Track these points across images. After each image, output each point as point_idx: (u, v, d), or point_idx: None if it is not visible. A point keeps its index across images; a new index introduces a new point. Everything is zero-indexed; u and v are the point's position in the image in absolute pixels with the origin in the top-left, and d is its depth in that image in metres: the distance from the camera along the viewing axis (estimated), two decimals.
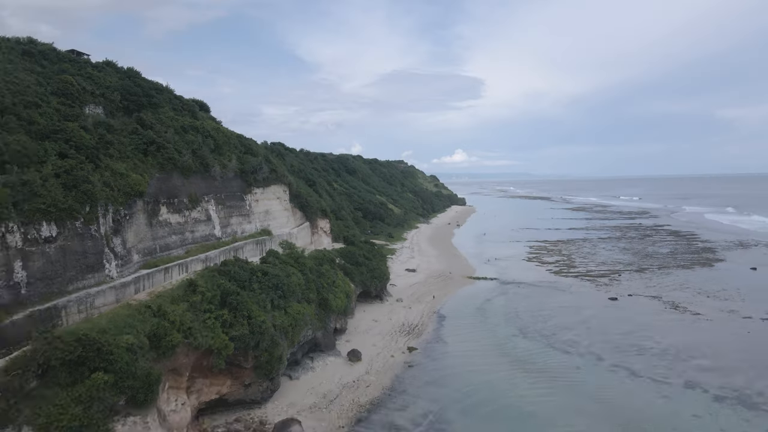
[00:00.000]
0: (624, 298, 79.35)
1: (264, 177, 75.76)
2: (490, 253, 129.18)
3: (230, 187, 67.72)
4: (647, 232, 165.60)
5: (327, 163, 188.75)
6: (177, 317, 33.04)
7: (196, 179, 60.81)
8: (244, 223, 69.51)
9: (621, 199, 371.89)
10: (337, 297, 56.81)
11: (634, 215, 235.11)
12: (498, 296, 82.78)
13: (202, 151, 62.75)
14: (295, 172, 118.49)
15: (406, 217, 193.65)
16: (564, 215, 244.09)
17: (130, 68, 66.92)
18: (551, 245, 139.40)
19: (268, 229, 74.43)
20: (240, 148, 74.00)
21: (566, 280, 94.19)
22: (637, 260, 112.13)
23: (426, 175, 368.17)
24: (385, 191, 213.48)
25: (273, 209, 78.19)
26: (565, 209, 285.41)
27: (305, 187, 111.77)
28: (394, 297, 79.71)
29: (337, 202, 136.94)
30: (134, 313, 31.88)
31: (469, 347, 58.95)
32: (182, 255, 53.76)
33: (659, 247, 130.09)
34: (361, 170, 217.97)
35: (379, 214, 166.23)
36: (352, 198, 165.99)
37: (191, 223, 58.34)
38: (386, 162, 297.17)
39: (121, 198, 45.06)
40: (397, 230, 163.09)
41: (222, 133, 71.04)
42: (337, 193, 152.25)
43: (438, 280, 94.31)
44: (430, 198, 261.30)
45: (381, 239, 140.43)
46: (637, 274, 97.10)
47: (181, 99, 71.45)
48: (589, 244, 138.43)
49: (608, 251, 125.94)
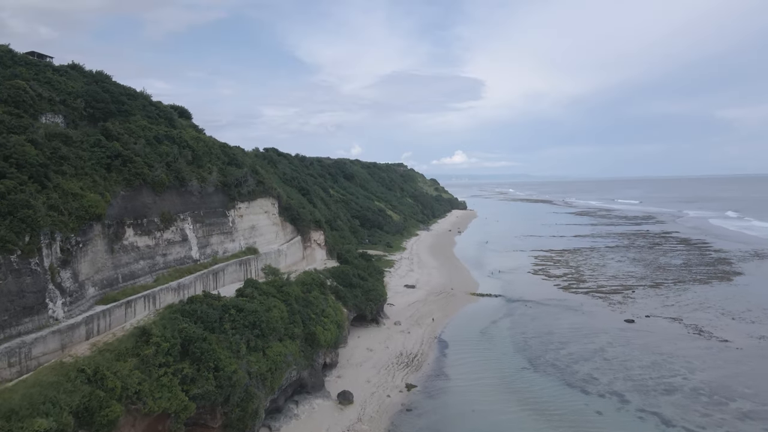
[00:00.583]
0: (641, 320, 73.07)
1: (250, 190, 69.52)
2: (494, 264, 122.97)
3: (210, 203, 61.49)
4: (656, 240, 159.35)
5: (324, 169, 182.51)
6: (119, 382, 26.76)
7: (170, 195, 54.58)
8: (226, 241, 63.29)
9: (623, 203, 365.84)
10: (327, 329, 50.53)
11: (639, 221, 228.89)
12: (504, 317, 76.52)
13: (178, 164, 56.52)
14: (288, 180, 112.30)
15: (405, 223, 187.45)
16: (567, 220, 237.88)
17: (99, 72, 60.78)
18: (557, 255, 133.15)
19: (253, 246, 68.20)
20: (223, 158, 67.77)
21: (576, 297, 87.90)
22: (649, 273, 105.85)
23: (426, 179, 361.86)
24: (384, 197, 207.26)
25: (260, 224, 71.97)
26: (568, 213, 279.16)
27: (298, 196, 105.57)
28: (391, 319, 73.42)
29: (332, 211, 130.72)
30: (62, 380, 25.60)
31: (473, 383, 52.69)
32: (150, 284, 47.51)
33: (671, 258, 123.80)
34: (359, 175, 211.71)
35: (377, 221, 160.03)
36: (350, 205, 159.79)
37: (163, 246, 52.11)
38: (385, 166, 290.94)
39: (72, 223, 38.80)
40: (396, 238, 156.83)
41: (202, 142, 64.82)
42: (333, 201, 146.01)
43: (439, 298, 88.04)
44: (430, 203, 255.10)
45: (379, 249, 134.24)
46: (652, 291, 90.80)
47: (157, 105, 65.24)
48: (597, 255, 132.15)
49: (618, 262, 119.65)
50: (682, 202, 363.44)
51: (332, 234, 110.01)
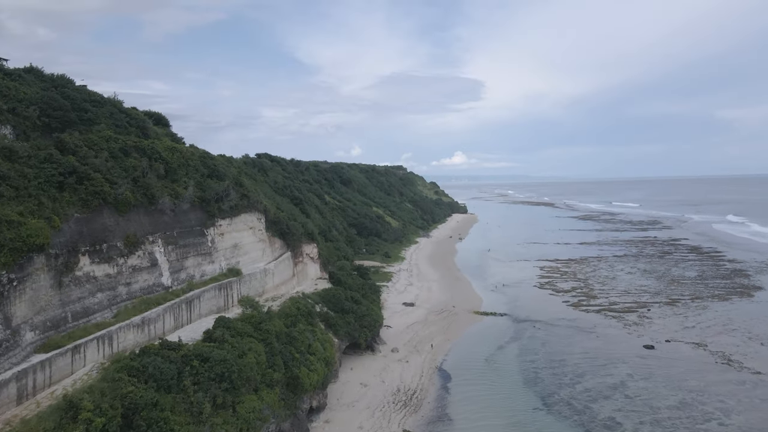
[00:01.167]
0: (661, 345, 66.81)
1: (232, 205, 63.24)
2: (497, 275, 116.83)
3: (185, 221, 55.20)
4: (665, 248, 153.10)
5: (320, 174, 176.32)
6: None
7: (136, 215, 48.33)
8: (204, 263, 57.00)
9: (625, 206, 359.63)
10: (313, 370, 44.28)
11: (645, 226, 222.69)
12: (511, 341, 70.31)
13: (147, 179, 50.25)
14: (280, 189, 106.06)
15: (404, 230, 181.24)
16: (571, 225, 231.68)
17: (60, 76, 54.52)
18: (563, 265, 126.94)
19: (236, 267, 61.91)
20: (202, 170, 61.48)
21: (588, 316, 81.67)
22: (663, 288, 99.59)
23: (425, 182, 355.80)
24: (383, 202, 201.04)
25: (244, 242, 65.69)
26: (571, 218, 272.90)
27: (290, 206, 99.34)
28: (388, 345, 67.16)
29: (328, 220, 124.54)
30: None
31: (479, 426, 46.46)
32: (108, 321, 41.26)
33: (684, 269, 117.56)
34: (357, 180, 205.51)
35: (375, 229, 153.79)
36: (346, 212, 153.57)
37: (127, 273, 45.83)
38: (384, 169, 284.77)
39: (4, 257, 32.63)
40: (395, 247, 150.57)
41: (178, 153, 58.52)
42: (329, 209, 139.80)
43: (440, 317, 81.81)
44: (430, 207, 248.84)
45: (377, 260, 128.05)
46: (669, 309, 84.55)
47: (128, 113, 58.91)
48: (606, 265, 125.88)
49: (629, 274, 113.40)
50: (685, 205, 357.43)
51: (326, 246, 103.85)
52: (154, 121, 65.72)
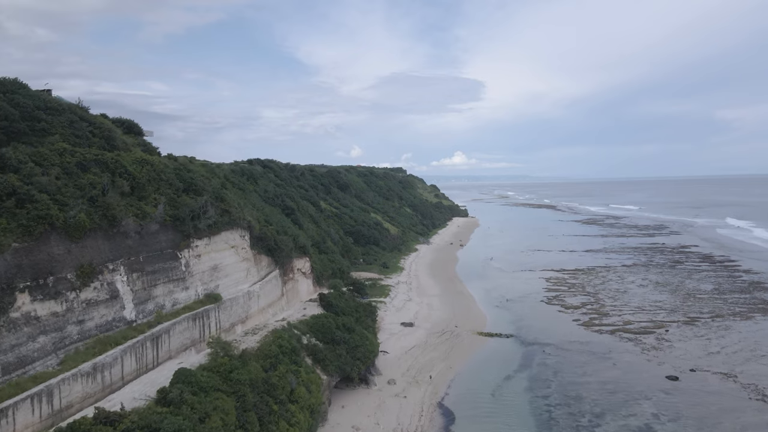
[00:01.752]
0: (686, 376, 60.57)
1: (211, 223, 57.00)
2: (501, 288, 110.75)
3: (154, 244, 48.95)
4: (675, 256, 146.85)
5: (316, 179, 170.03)
6: None
7: (93, 241, 42.08)
8: (176, 290, 50.75)
9: (628, 209, 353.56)
10: (294, 424, 38.01)
11: (651, 230, 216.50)
12: (519, 370, 64.08)
13: (108, 198, 44.01)
14: (270, 198, 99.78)
15: (404, 237, 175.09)
16: (575, 230, 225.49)
17: (12, 80, 48.29)
18: (570, 276, 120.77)
19: (215, 292, 55.71)
20: (176, 185, 55.18)
21: (601, 338, 75.45)
22: (679, 304, 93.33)
23: (425, 184, 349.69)
24: (381, 207, 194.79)
25: (224, 263, 59.43)
26: (574, 222, 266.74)
27: (280, 218, 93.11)
28: (384, 376, 60.85)
29: (323, 230, 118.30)
30: None
31: None
32: (52, 371, 35.04)
33: (699, 282, 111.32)
34: (355, 185, 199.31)
35: (373, 237, 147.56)
36: (343, 220, 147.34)
37: (80, 310, 39.60)
38: (383, 172, 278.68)
39: None
40: (393, 256, 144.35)
41: (149, 166, 52.20)
42: (325, 217, 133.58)
43: (441, 340, 75.58)
44: (430, 212, 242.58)
45: (374, 271, 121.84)
46: (689, 329, 78.32)
47: (92, 121, 52.64)
48: (615, 276, 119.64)
49: (640, 287, 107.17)
50: (689, 207, 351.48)
51: (320, 258, 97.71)
52: (125, 130, 59.44)
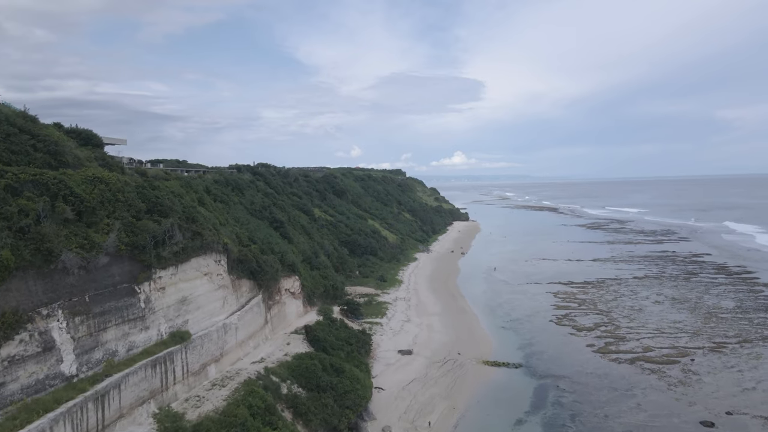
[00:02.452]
0: (723, 421, 53.24)
1: (178, 249, 49.62)
2: (506, 304, 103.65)
3: (104, 280, 41.50)
4: (688, 266, 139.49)
5: (310, 185, 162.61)
6: None
7: (20, 282, 34.67)
8: (133, 332, 43.33)
9: (632, 212, 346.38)
10: None
11: (658, 236, 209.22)
12: (532, 412, 56.72)
13: (43, 228, 36.64)
14: (257, 211, 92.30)
15: (403, 245, 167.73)
16: (579, 235, 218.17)
17: None
18: (580, 290, 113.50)
19: (182, 329, 48.34)
20: (138, 206, 47.75)
21: (620, 369, 68.12)
22: (701, 325, 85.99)
23: (425, 187, 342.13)
24: (379, 213, 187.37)
25: (195, 294, 52.03)
26: (578, 226, 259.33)
27: (268, 232, 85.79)
28: (378, 422, 53.43)
29: (315, 242, 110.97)
30: None
31: None
32: None
33: (718, 297, 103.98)
34: (352, 190, 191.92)
35: (370, 246, 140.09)
36: (339, 229, 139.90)
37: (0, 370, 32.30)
38: (382, 175, 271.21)
39: None
40: (391, 267, 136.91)
41: (102, 186, 44.67)
42: (318, 227, 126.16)
43: (442, 371, 68.22)
44: (430, 217, 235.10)
45: (371, 284, 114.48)
46: (716, 358, 70.99)
47: (35, 133, 45.09)
48: (627, 290, 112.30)
49: (656, 304, 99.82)
50: (694, 210, 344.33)
51: (312, 275, 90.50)
52: (81, 141, 51.96)
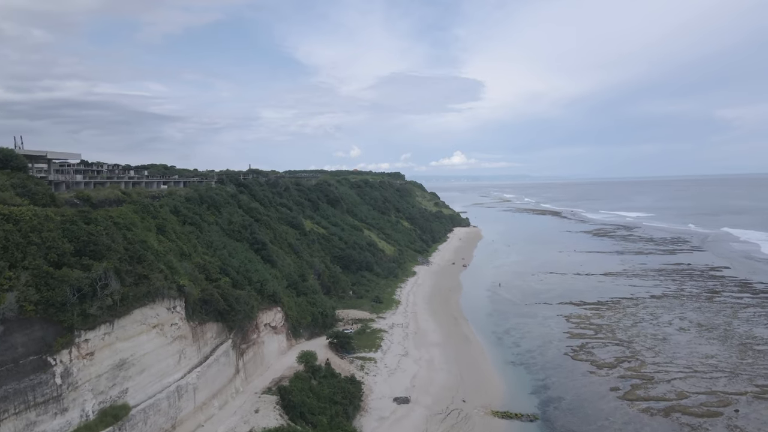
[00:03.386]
0: None
1: (114, 301, 39.65)
2: (515, 330, 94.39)
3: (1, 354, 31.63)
4: (708, 282, 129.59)
5: (302, 194, 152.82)
6: None
7: None
8: (44, 419, 33.27)
9: (639, 217, 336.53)
10: None
11: (669, 245, 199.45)
12: None
13: None
14: (236, 231, 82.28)
15: (401, 257, 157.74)
16: (586, 244, 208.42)
17: None
18: (594, 312, 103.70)
19: (117, 403, 38.30)
20: (60, 248, 37.75)
21: (654, 423, 58.23)
22: (737, 359, 76.17)
23: (425, 191, 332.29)
24: (376, 223, 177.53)
25: (140, 353, 41.99)
26: (583, 233, 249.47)
27: (247, 256, 75.87)
28: None
29: (305, 261, 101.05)
30: None
31: None
32: None
33: (749, 323, 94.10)
34: (347, 198, 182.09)
35: (365, 261, 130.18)
36: (331, 242, 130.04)
37: None
38: (379, 181, 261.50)
39: None
40: (388, 284, 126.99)
41: (9, 225, 34.71)
42: (309, 242, 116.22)
43: (445, 426, 58.29)
44: (430, 224, 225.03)
45: (365, 307, 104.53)
46: (764, 407, 61.09)
47: None
48: (646, 313, 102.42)
49: (681, 332, 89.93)
50: (702, 214, 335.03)
51: (298, 302, 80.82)
52: None
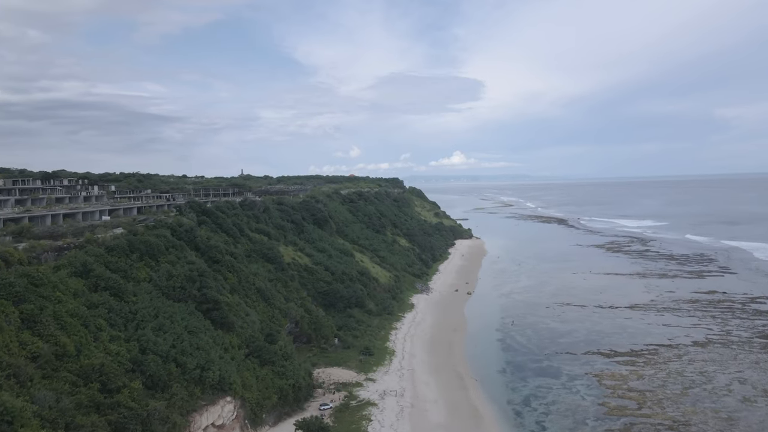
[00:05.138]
0: None
1: None
2: (536, 398, 76.30)
3: None
4: (755, 321, 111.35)
5: (284, 214, 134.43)
6: None
7: None
8: None
9: (650, 227, 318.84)
10: None
11: (694, 264, 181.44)
12: None
13: None
14: (176, 289, 63.51)
15: (397, 284, 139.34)
16: (601, 262, 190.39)
17: None
18: (628, 368, 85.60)
19: None
20: None
21: None
22: None
23: (424, 200, 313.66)
24: (370, 244, 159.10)
25: None
26: (595, 247, 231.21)
27: (190, 322, 57.49)
28: None
29: (276, 309, 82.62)
30: None
31: None
32: None
33: None
34: (337, 216, 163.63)
35: (355, 296, 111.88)
36: (315, 275, 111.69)
37: None
38: (375, 190, 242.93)
39: None
40: (382, 325, 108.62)
41: None
42: (286, 279, 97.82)
43: None
44: (430, 240, 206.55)
45: (351, 364, 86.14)
46: None
47: None
48: (694, 371, 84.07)
49: (749, 406, 71.77)
50: (718, 223, 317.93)
51: (261, 376, 62.60)
52: None
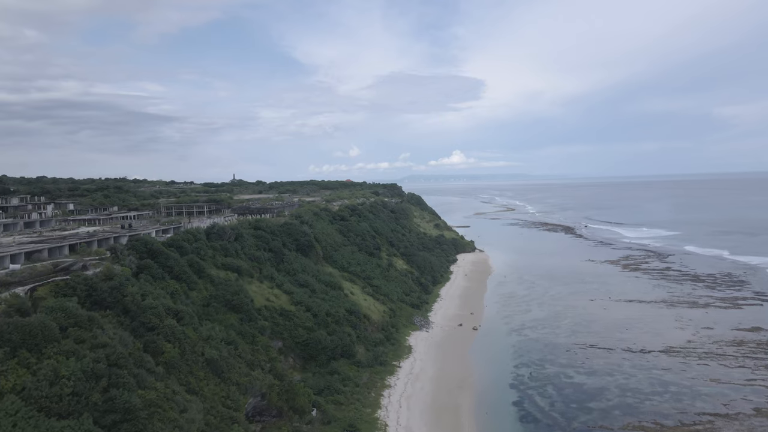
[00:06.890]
0: None
1: None
2: None
3: None
4: None
5: (261, 242, 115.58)
6: None
7: None
8: None
9: (663, 237, 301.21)
10: None
11: (726, 290, 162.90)
12: None
13: None
14: (63, 399, 44.64)
15: (392, 320, 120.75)
16: (620, 285, 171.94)
17: None
18: None
19: None
20: None
21: None
22: None
23: (424, 209, 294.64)
24: (362, 271, 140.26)
25: None
26: (610, 264, 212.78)
27: None
28: None
29: (233, 386, 63.86)
30: None
31: None
32: None
33: None
34: (326, 239, 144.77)
35: (341, 346, 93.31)
36: (293, 321, 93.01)
37: None
38: (372, 204, 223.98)
39: None
40: (372, 382, 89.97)
41: None
42: (255, 331, 79.08)
43: None
44: (430, 260, 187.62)
45: None
46: None
47: None
48: None
49: None
50: (737, 234, 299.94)
51: None
52: None
